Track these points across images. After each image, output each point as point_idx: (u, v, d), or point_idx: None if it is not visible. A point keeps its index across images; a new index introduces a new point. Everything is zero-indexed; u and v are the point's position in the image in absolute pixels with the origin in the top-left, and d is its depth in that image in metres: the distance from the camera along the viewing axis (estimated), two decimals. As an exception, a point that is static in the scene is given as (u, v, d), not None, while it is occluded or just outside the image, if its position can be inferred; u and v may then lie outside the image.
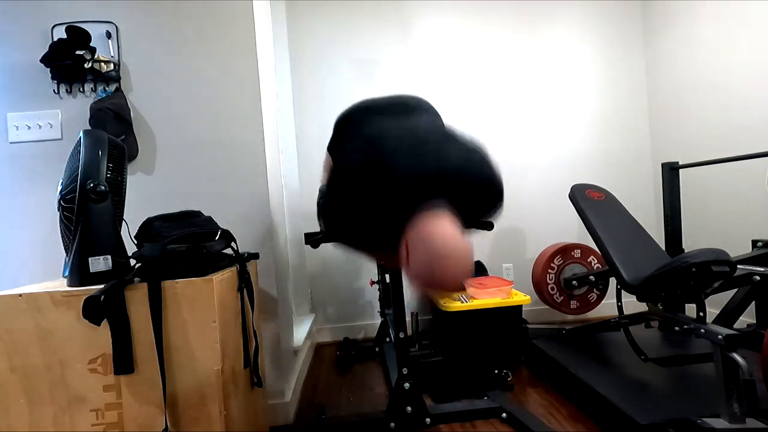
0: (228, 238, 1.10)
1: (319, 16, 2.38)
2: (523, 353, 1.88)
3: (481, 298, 1.82)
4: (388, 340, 2.08)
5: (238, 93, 1.42)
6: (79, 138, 0.96)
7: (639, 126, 2.57)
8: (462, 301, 1.82)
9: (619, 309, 1.50)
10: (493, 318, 1.79)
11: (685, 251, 1.65)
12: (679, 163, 1.92)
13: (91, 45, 1.35)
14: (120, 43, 1.40)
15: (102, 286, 0.87)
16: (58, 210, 0.94)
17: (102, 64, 1.35)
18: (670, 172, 1.92)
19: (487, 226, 1.32)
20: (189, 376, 0.91)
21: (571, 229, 2.50)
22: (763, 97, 1.88)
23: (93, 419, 0.89)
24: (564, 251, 2.17)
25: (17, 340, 0.88)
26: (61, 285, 0.96)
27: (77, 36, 1.33)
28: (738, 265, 1.46)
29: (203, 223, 1.08)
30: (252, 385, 1.19)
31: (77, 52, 1.32)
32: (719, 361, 1.07)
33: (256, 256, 1.32)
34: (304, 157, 2.34)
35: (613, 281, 1.63)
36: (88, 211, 0.90)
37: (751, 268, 1.48)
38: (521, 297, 1.82)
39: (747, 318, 1.68)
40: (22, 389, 0.88)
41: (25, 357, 0.88)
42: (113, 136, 1.02)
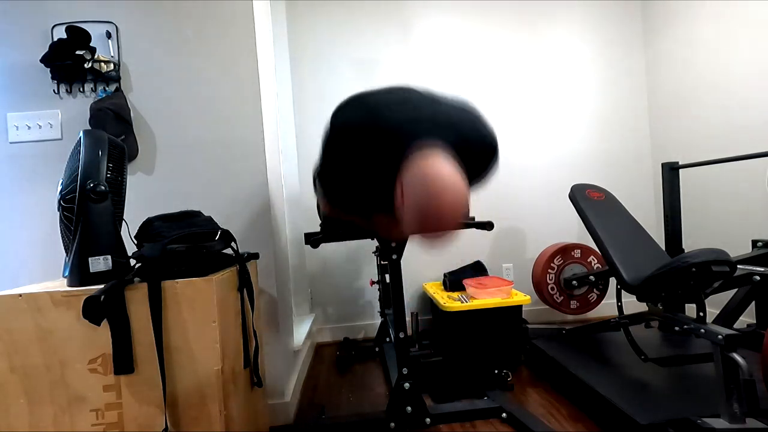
0: (228, 238, 1.10)
1: (319, 16, 2.38)
2: (523, 353, 1.88)
3: (481, 298, 1.83)
4: (388, 340, 2.08)
5: (238, 93, 1.42)
6: (79, 138, 0.96)
7: (639, 126, 2.57)
8: (462, 301, 1.83)
9: (619, 309, 1.50)
10: (493, 318, 1.79)
11: (685, 251, 1.65)
12: (679, 163, 1.92)
13: (91, 45, 1.35)
14: (120, 43, 1.40)
15: (102, 286, 0.87)
16: (58, 210, 0.94)
17: (102, 64, 1.35)
18: (670, 172, 1.92)
19: (487, 225, 1.32)
20: (189, 376, 0.91)
21: (571, 229, 2.50)
22: (763, 97, 1.88)
23: (93, 419, 0.89)
24: (564, 251, 2.17)
25: (17, 340, 0.88)
26: (61, 285, 0.96)
27: (77, 36, 1.33)
28: (738, 265, 1.46)
29: (203, 223, 1.08)
30: (252, 385, 1.19)
31: (77, 52, 1.32)
32: (719, 361, 1.07)
33: (256, 256, 1.32)
34: (304, 157, 2.34)
35: (613, 281, 1.63)
36: (88, 211, 0.90)
37: (751, 268, 1.48)
38: (521, 297, 1.82)
39: (747, 318, 1.68)
40: (22, 389, 0.88)
41: (25, 357, 0.88)
42: (113, 136, 1.02)
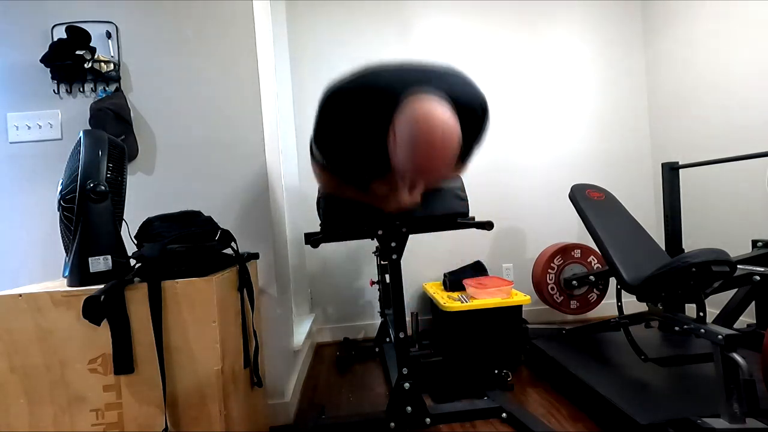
0: (228, 238, 1.10)
1: (319, 16, 2.38)
2: (523, 353, 1.88)
3: (481, 298, 1.83)
4: (388, 340, 2.08)
5: (238, 93, 1.42)
6: (79, 138, 0.96)
7: (639, 126, 2.57)
8: (462, 301, 1.83)
9: (619, 309, 1.50)
10: (493, 318, 1.79)
11: (685, 251, 1.65)
12: (679, 163, 1.92)
13: (91, 45, 1.35)
14: (120, 43, 1.40)
15: (102, 286, 0.87)
16: (58, 210, 0.94)
17: (102, 64, 1.35)
18: (670, 172, 1.92)
19: (487, 225, 1.32)
20: (189, 376, 0.91)
21: (571, 229, 2.50)
22: (763, 97, 1.88)
23: (93, 419, 0.89)
24: (564, 251, 2.17)
25: (17, 340, 0.88)
26: (61, 285, 0.96)
27: (77, 36, 1.33)
28: (738, 265, 1.46)
29: (203, 223, 1.08)
30: (252, 385, 1.19)
31: (77, 52, 1.32)
32: (719, 361, 1.07)
33: (256, 256, 1.32)
34: (304, 157, 2.33)
35: (613, 281, 1.63)
36: (88, 211, 0.90)
37: (751, 268, 1.48)
38: (521, 297, 1.82)
39: (747, 318, 1.68)
40: (22, 389, 0.88)
41: (25, 357, 0.88)
42: (113, 136, 1.02)
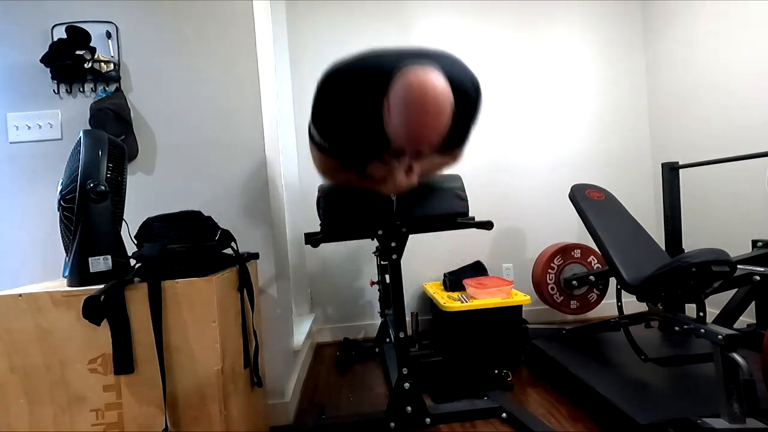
0: (228, 238, 1.10)
1: (319, 16, 2.38)
2: (523, 353, 1.88)
3: (481, 298, 1.83)
4: (388, 340, 2.08)
5: (238, 93, 1.42)
6: (79, 138, 0.96)
7: (639, 126, 2.57)
8: (462, 301, 1.83)
9: (619, 309, 1.50)
10: (493, 318, 1.79)
11: (685, 251, 1.65)
12: (679, 163, 1.92)
13: (91, 45, 1.35)
14: (120, 43, 1.40)
15: (102, 286, 0.87)
16: (58, 210, 0.94)
17: (102, 64, 1.35)
18: (670, 172, 1.92)
19: (487, 225, 1.32)
20: (189, 376, 0.91)
21: (571, 229, 2.50)
22: (763, 97, 1.88)
23: (93, 419, 0.89)
24: (564, 251, 2.17)
25: (17, 340, 0.88)
26: (61, 285, 0.96)
27: (77, 36, 1.33)
28: (738, 265, 1.46)
29: (203, 223, 1.08)
30: (252, 385, 1.19)
31: (77, 52, 1.32)
32: (719, 361, 1.07)
33: (256, 256, 1.32)
34: (304, 157, 2.33)
35: (613, 281, 1.63)
36: (88, 211, 0.90)
37: (751, 268, 1.48)
38: (521, 297, 1.82)
39: (747, 318, 1.68)
40: (22, 389, 0.88)
41: (25, 357, 0.88)
42: (113, 136, 1.02)
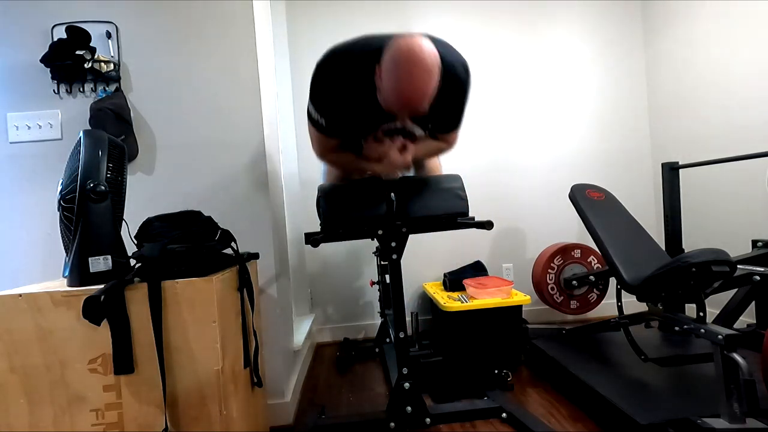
0: (228, 238, 1.10)
1: (319, 16, 2.38)
2: (523, 353, 1.88)
3: (481, 298, 1.83)
4: (388, 340, 2.08)
5: (238, 93, 1.42)
6: (79, 138, 0.96)
7: (639, 126, 2.57)
8: (462, 301, 1.83)
9: (619, 309, 1.50)
10: (493, 318, 1.79)
11: (685, 251, 1.65)
12: (679, 163, 1.92)
13: (91, 45, 1.35)
14: (120, 43, 1.40)
15: (102, 286, 0.87)
16: (58, 210, 0.94)
17: (102, 64, 1.35)
18: (670, 172, 1.92)
19: (487, 225, 1.32)
20: (189, 376, 0.91)
21: (571, 229, 2.50)
22: (763, 97, 1.88)
23: (93, 419, 0.89)
24: (564, 251, 2.17)
25: (17, 340, 0.88)
26: (61, 285, 0.96)
27: (77, 36, 1.33)
28: (738, 265, 1.46)
29: (203, 223, 1.08)
30: (252, 385, 1.19)
31: (77, 52, 1.32)
32: (719, 361, 1.07)
33: (256, 256, 1.32)
34: (304, 157, 2.34)
35: (613, 281, 1.63)
36: (88, 211, 0.90)
37: (751, 268, 1.48)
38: (521, 297, 1.82)
39: (747, 318, 1.68)
40: (22, 389, 0.88)
41: (25, 357, 0.88)
42: (113, 136, 1.02)
